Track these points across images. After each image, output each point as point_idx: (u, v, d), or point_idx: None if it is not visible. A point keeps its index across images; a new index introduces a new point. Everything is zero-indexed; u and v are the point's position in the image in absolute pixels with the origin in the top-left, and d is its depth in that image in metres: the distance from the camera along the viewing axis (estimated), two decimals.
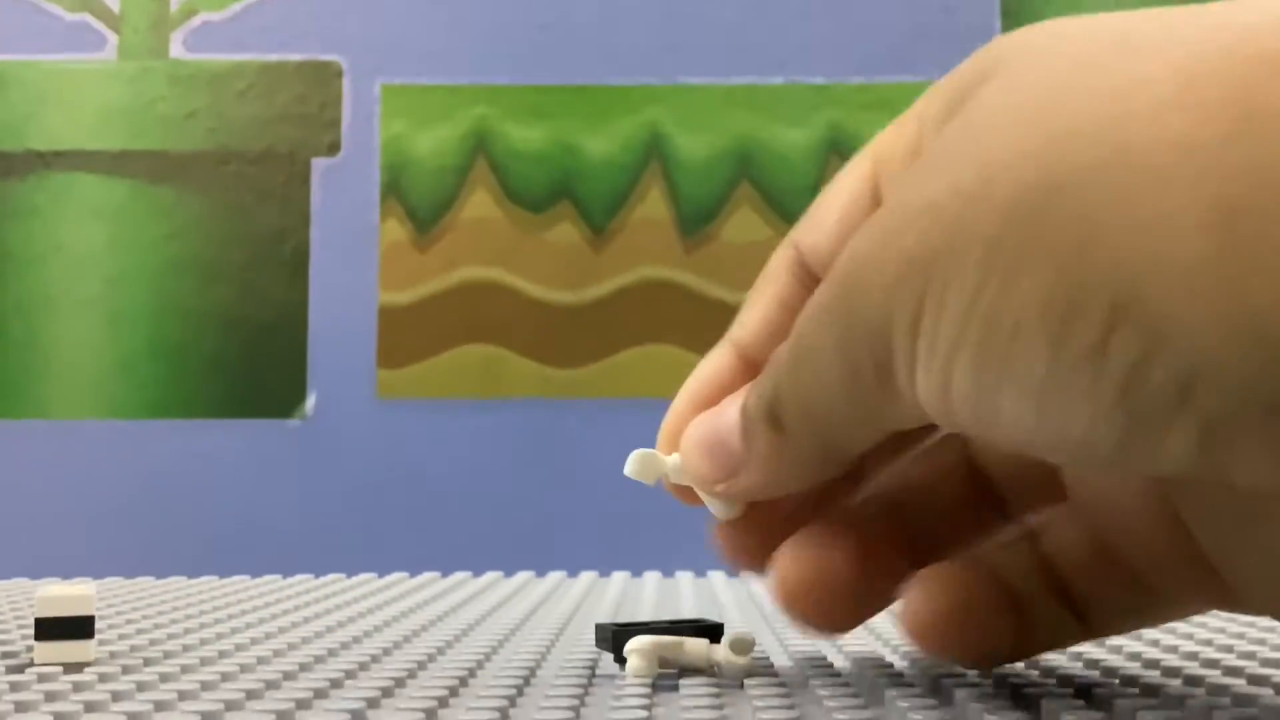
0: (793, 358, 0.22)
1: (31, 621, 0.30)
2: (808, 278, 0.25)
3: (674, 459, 0.25)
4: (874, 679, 0.24)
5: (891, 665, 0.26)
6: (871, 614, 0.24)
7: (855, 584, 0.24)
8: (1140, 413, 0.16)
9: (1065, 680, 0.24)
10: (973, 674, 0.25)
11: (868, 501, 0.25)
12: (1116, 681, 0.24)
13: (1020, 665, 0.26)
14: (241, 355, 0.92)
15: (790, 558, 0.24)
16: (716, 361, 0.25)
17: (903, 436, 0.23)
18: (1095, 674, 0.25)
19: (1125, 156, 0.16)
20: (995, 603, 0.23)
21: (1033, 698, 0.22)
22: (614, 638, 0.26)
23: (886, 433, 0.21)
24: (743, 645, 0.25)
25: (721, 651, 0.25)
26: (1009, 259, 0.17)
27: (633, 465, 0.25)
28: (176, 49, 0.94)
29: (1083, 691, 0.23)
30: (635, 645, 0.25)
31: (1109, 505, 0.22)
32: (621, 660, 0.26)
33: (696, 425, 0.24)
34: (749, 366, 0.25)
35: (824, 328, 0.21)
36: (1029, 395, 0.17)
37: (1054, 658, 0.27)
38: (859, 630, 0.32)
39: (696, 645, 0.25)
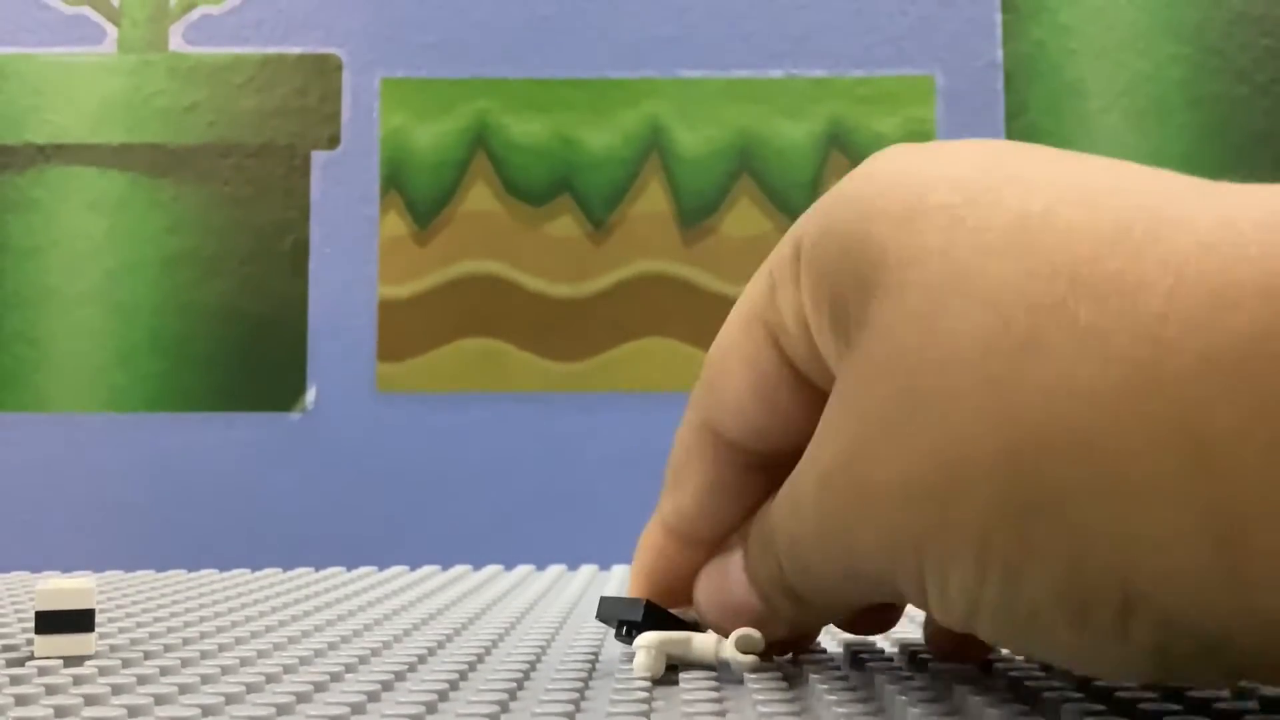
0: (800, 571, 0.23)
1: (32, 615, 0.30)
2: (735, 456, 0.25)
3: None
4: (874, 673, 0.24)
5: (891, 659, 0.26)
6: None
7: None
8: (1172, 665, 0.17)
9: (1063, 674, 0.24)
10: (971, 668, 0.25)
11: None
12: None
13: (1019, 659, 0.26)
14: (241, 348, 0.92)
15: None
16: (656, 548, 0.26)
17: None
18: None
19: (1102, 472, 0.16)
20: None
21: (1033, 690, 0.22)
22: (633, 627, 0.26)
23: None
24: (750, 643, 0.25)
25: (729, 649, 0.25)
26: (1005, 557, 0.17)
27: (642, 665, 0.25)
28: (176, 42, 0.93)
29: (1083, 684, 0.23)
30: (643, 642, 0.25)
31: None
32: (622, 636, 0.26)
33: (708, 594, 0.25)
34: (691, 545, 0.26)
35: (826, 564, 0.22)
36: (1059, 652, 0.18)
37: None
38: None
39: (704, 642, 0.25)
